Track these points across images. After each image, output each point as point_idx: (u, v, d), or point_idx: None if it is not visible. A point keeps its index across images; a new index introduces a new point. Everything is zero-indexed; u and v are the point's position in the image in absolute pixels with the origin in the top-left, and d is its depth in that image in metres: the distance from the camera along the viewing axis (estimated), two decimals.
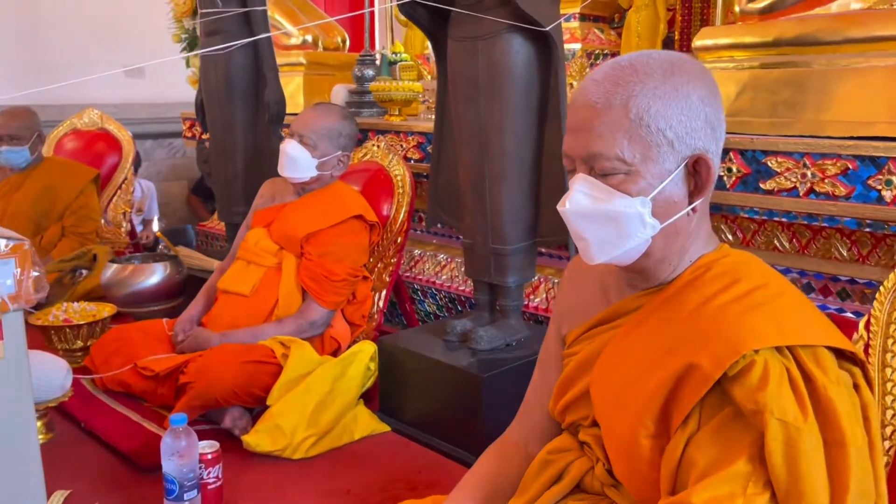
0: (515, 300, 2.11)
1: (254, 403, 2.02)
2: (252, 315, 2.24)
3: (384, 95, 3.02)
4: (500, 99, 1.93)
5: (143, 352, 2.17)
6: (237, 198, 2.99)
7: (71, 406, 2.06)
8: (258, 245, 2.33)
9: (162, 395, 2.08)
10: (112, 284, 2.68)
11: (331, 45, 3.81)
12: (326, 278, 2.23)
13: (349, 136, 2.37)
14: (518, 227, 2.03)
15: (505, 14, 1.87)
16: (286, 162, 2.30)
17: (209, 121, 3.03)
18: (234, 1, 2.83)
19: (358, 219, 2.32)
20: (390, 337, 2.21)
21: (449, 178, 2.22)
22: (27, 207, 3.20)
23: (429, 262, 3.00)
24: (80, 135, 3.81)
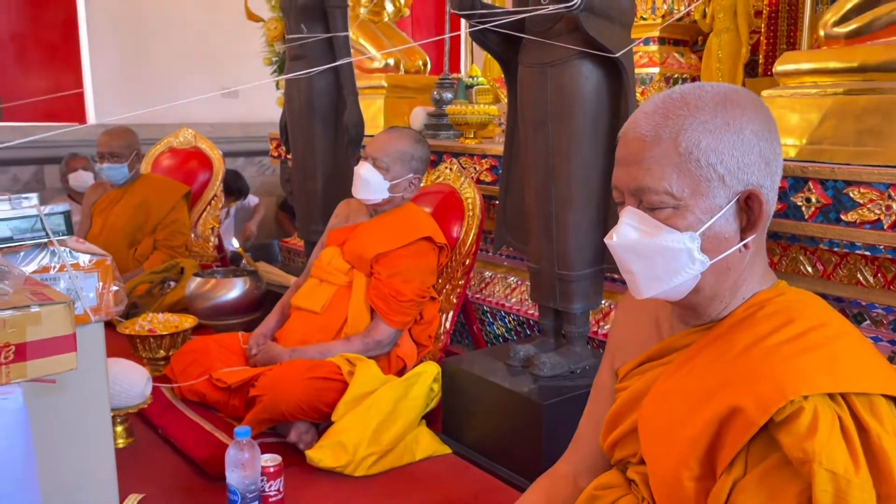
0: (580, 326, 2.08)
1: (319, 419, 2.07)
2: (322, 332, 2.31)
3: (460, 118, 3.05)
4: (568, 124, 1.93)
5: (219, 364, 2.27)
6: (316, 216, 3.08)
7: (150, 413, 2.17)
8: (331, 264, 2.40)
9: (233, 406, 2.16)
10: (195, 297, 2.81)
11: (412, 69, 3.89)
12: (395, 298, 2.27)
13: (421, 159, 2.42)
14: (584, 253, 2.01)
15: (575, 40, 1.87)
16: (360, 184, 2.37)
17: (292, 141, 3.14)
18: (318, 27, 2.93)
19: (427, 240, 2.36)
20: (454, 359, 2.22)
21: (516, 201, 2.22)
22: (123, 221, 3.40)
23: (499, 285, 3.00)
24: (175, 153, 4.02)
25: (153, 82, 5.34)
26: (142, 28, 5.26)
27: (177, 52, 5.40)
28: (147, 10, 5.26)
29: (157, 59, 5.35)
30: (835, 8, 2.09)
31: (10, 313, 1.07)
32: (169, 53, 5.38)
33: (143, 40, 5.28)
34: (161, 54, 5.36)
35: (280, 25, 4.26)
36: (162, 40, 5.35)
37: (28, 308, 1.08)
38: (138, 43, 5.26)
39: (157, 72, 5.35)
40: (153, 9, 5.28)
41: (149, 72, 5.32)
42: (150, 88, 5.33)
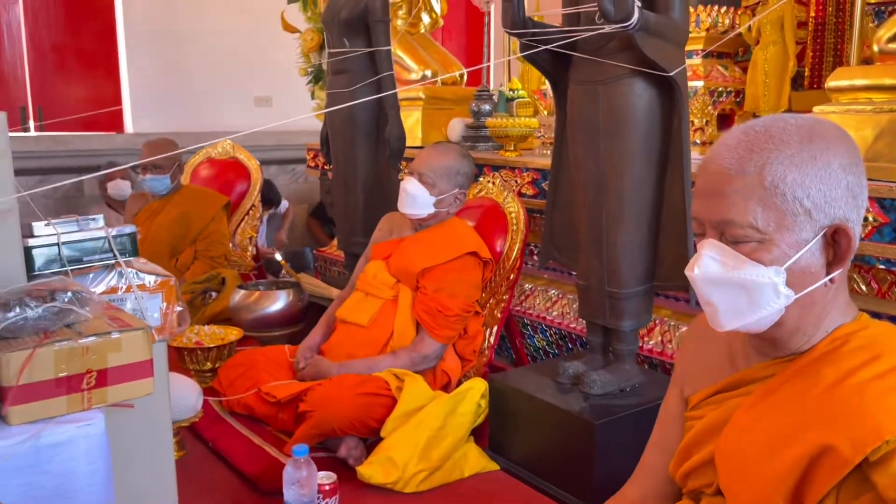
0: (630, 344, 2.07)
1: (368, 434, 2.08)
2: (368, 345, 2.32)
3: (500, 131, 3.06)
4: (620, 143, 1.92)
5: (267, 377, 2.29)
6: (356, 229, 3.09)
7: (200, 425, 2.19)
8: (376, 278, 2.41)
9: (283, 420, 2.18)
10: (239, 309, 2.84)
11: (449, 80, 3.90)
12: (440, 313, 2.28)
13: (466, 174, 2.42)
14: (635, 271, 2.01)
15: (628, 59, 1.87)
16: (405, 199, 2.38)
17: (333, 154, 3.16)
18: (360, 41, 2.95)
19: (472, 255, 2.36)
20: (501, 375, 2.22)
21: (564, 218, 2.22)
22: (165, 232, 3.44)
23: (539, 297, 2.99)
24: (213, 163, 4.07)
25: (188, 92, 5.41)
26: (178, 38, 5.33)
27: (212, 62, 5.46)
28: (184, 21, 5.33)
29: (192, 69, 5.42)
30: (889, 24, 2.07)
31: (93, 340, 1.09)
32: (204, 63, 5.44)
33: (179, 50, 5.35)
34: (197, 64, 5.42)
35: (316, 37, 4.30)
36: (198, 50, 5.41)
37: (109, 334, 1.11)
38: (175, 53, 5.33)
39: (193, 81, 5.42)
40: (190, 19, 5.35)
41: (184, 81, 5.39)
42: (185, 98, 5.40)
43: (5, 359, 1.02)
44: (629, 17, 1.72)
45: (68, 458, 1.04)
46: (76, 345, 1.07)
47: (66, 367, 1.06)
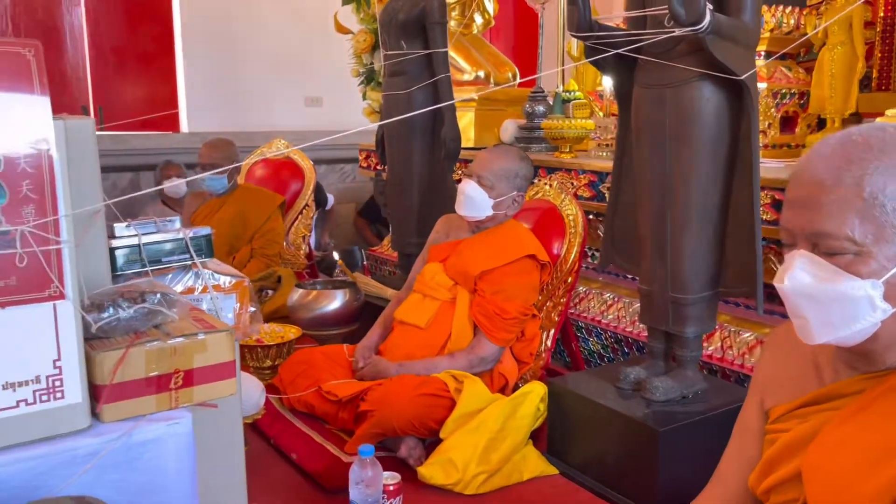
0: (693, 351, 2.05)
1: (427, 434, 2.10)
2: (426, 346, 2.33)
3: (556, 133, 3.05)
4: (687, 147, 1.90)
5: (326, 375, 2.32)
6: (411, 230, 3.11)
7: (262, 423, 2.23)
8: (434, 279, 2.42)
9: (342, 419, 2.20)
10: (297, 308, 2.89)
11: (502, 81, 3.90)
12: (498, 315, 2.28)
13: (525, 177, 2.42)
14: (700, 277, 1.98)
15: (697, 62, 1.84)
16: (464, 201, 2.38)
17: (388, 155, 3.19)
18: (417, 43, 2.97)
19: (530, 258, 2.36)
20: (561, 379, 2.21)
21: (626, 222, 2.20)
22: (223, 230, 3.50)
23: (594, 300, 2.97)
24: (268, 163, 4.13)
25: (242, 92, 5.50)
26: (233, 39, 5.43)
27: (265, 62, 5.54)
28: (238, 23, 5.42)
29: (246, 70, 5.50)
30: None
31: (181, 341, 1.12)
32: (257, 64, 5.53)
33: (233, 51, 5.44)
34: (250, 65, 5.51)
35: (368, 38, 4.34)
36: (252, 51, 5.50)
37: (196, 336, 1.13)
38: (229, 54, 5.43)
39: (246, 82, 5.51)
40: (244, 21, 5.44)
41: (238, 82, 5.48)
42: (239, 98, 5.49)
43: (99, 358, 1.05)
44: (701, 20, 1.69)
45: (158, 455, 1.07)
46: (165, 345, 1.10)
47: (156, 366, 1.09)
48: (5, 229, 0.94)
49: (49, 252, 0.97)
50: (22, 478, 0.97)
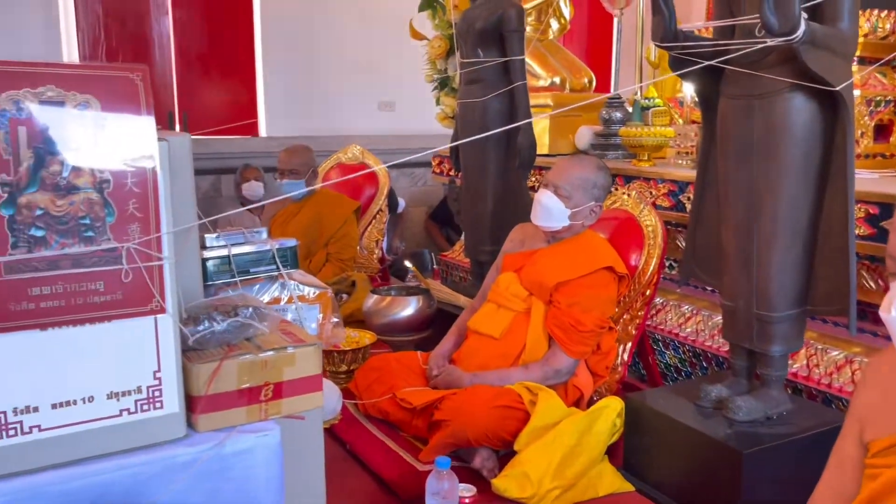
0: (779, 370, 1.98)
1: (501, 446, 2.09)
2: (500, 357, 2.32)
3: (634, 141, 2.99)
4: (776, 160, 1.84)
5: (401, 382, 2.34)
6: (484, 237, 3.11)
7: (338, 427, 2.27)
8: (508, 290, 2.41)
9: (416, 426, 2.22)
10: (371, 313, 2.92)
11: (577, 87, 3.86)
12: (574, 328, 2.25)
13: (603, 187, 2.38)
14: (787, 294, 1.91)
15: (788, 72, 1.78)
16: (540, 211, 2.36)
17: (463, 163, 3.19)
18: (494, 51, 2.97)
19: (608, 270, 2.32)
20: (638, 395, 2.17)
21: (708, 235, 2.15)
22: (300, 235, 3.57)
23: (672, 313, 2.91)
24: (343, 168, 4.20)
25: (318, 96, 5.61)
26: (311, 46, 5.54)
27: (341, 67, 5.64)
28: (316, 29, 5.53)
29: (322, 75, 5.61)
30: None
31: (272, 354, 1.15)
32: (334, 69, 5.63)
33: (311, 57, 5.56)
34: (326, 70, 5.62)
35: (443, 44, 4.35)
36: (328, 57, 5.60)
37: (285, 349, 1.16)
38: (307, 60, 5.54)
39: (323, 86, 5.62)
40: (322, 27, 5.54)
41: (315, 86, 5.59)
42: (315, 102, 5.61)
43: (196, 370, 1.08)
44: (795, 29, 1.63)
45: (249, 465, 1.10)
46: (257, 358, 1.13)
47: (248, 379, 1.12)
48: (112, 246, 0.98)
49: (152, 268, 1.01)
50: (124, 484, 1.01)
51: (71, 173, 0.95)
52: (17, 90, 0.91)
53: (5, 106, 0.90)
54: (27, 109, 0.92)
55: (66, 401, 0.98)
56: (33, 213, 0.93)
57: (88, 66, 0.98)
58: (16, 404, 0.95)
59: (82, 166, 0.95)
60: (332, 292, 3.34)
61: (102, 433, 1.01)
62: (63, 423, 0.98)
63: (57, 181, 0.94)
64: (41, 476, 0.96)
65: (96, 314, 0.98)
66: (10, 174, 0.91)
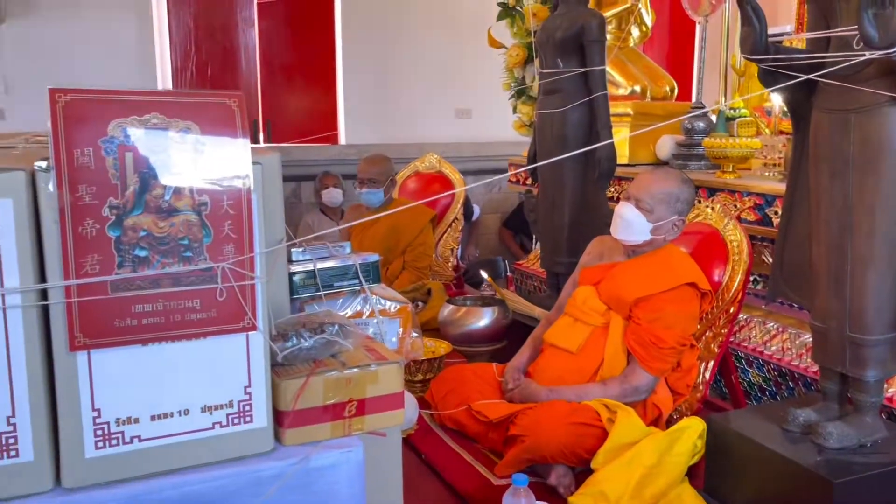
0: (874, 396, 1.88)
1: (577, 463, 2.07)
2: (577, 372, 2.30)
3: (718, 152, 2.92)
4: (874, 176, 1.75)
5: (476, 394, 2.34)
6: (561, 249, 3.09)
7: (413, 437, 2.29)
8: (586, 303, 2.38)
9: (492, 439, 2.22)
10: (447, 323, 2.94)
11: (658, 95, 3.78)
12: (654, 345, 2.21)
13: (686, 201, 2.33)
14: (883, 316, 1.82)
15: (888, 85, 1.70)
16: (620, 224, 2.33)
17: (540, 172, 3.18)
18: (574, 61, 2.94)
19: (691, 286, 2.27)
20: (722, 416, 2.11)
21: (797, 252, 2.06)
22: (377, 243, 3.64)
23: (756, 329, 2.81)
24: (420, 177, 4.24)
25: (396, 104, 5.70)
26: (389, 54, 5.63)
27: (418, 75, 5.71)
28: (395, 38, 5.62)
29: (400, 83, 5.70)
30: None
31: (356, 371, 1.17)
32: (411, 77, 5.71)
33: (389, 65, 5.65)
34: (405, 78, 5.70)
35: (521, 52, 4.35)
36: (406, 65, 5.68)
37: (369, 367, 1.18)
38: (385, 68, 5.64)
39: (400, 94, 5.70)
40: (400, 36, 5.63)
41: (392, 95, 5.68)
42: (392, 110, 5.70)
43: (284, 385, 1.12)
44: (895, 43, 1.56)
45: (333, 481, 1.13)
46: (342, 375, 1.16)
47: (333, 395, 1.15)
48: (209, 266, 1.02)
49: (244, 287, 1.05)
50: (214, 495, 1.05)
51: (172, 196, 0.99)
52: (125, 118, 0.96)
53: (114, 133, 0.95)
54: (134, 136, 0.97)
55: (164, 413, 1.03)
56: (138, 235, 0.97)
57: (190, 94, 1.02)
58: (119, 415, 1.00)
59: (183, 190, 1.00)
60: (408, 300, 3.40)
61: (196, 445, 1.05)
62: (161, 435, 1.03)
63: (160, 204, 0.98)
64: (140, 484, 1.01)
65: (193, 331, 1.03)
66: (118, 197, 0.96)
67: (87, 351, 0.96)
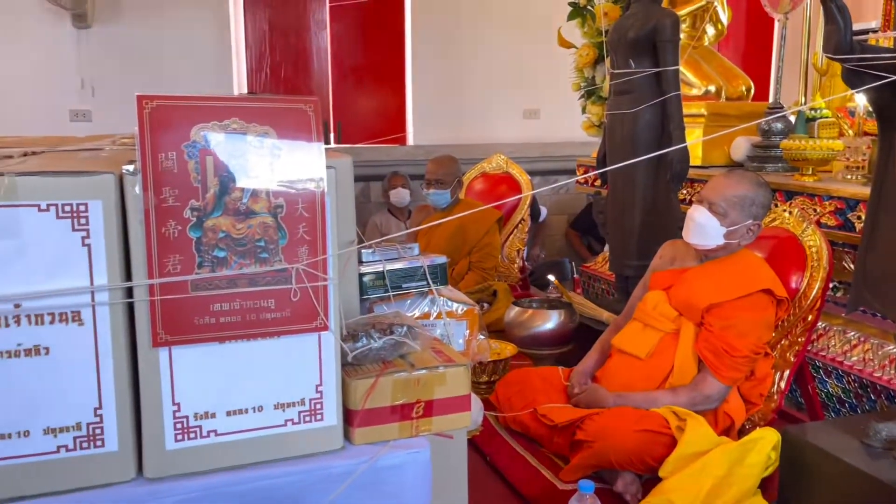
0: None
1: (644, 471, 2.04)
2: (646, 379, 2.26)
3: (797, 154, 2.82)
4: None
5: (542, 397, 2.33)
6: (630, 252, 3.04)
7: (478, 438, 2.30)
8: (656, 309, 2.34)
9: (557, 444, 2.20)
10: (513, 325, 2.94)
11: (734, 95, 3.68)
12: (727, 353, 2.15)
13: (763, 205, 2.26)
14: None
15: None
16: (693, 228, 2.27)
17: (611, 175, 3.13)
18: (646, 62, 2.89)
19: (766, 293, 2.20)
20: (798, 428, 2.04)
21: (883, 260, 1.97)
22: (443, 243, 3.66)
23: (835, 339, 2.71)
24: (487, 177, 4.24)
25: (464, 105, 5.71)
26: (457, 55, 5.64)
27: (486, 76, 5.71)
28: (463, 39, 5.63)
29: (468, 84, 5.70)
30: None
31: (424, 372, 1.18)
32: (479, 78, 5.71)
33: (457, 66, 5.66)
34: (472, 79, 5.70)
35: (592, 52, 4.29)
36: (475, 66, 5.69)
37: (437, 368, 1.19)
38: (453, 69, 5.65)
39: (468, 95, 5.71)
40: (468, 37, 5.64)
41: (461, 95, 5.69)
42: (460, 111, 5.71)
43: (354, 385, 1.13)
44: None
45: (400, 481, 1.14)
46: (410, 376, 1.17)
47: (401, 395, 1.16)
48: (284, 267, 1.05)
49: (317, 288, 1.07)
50: (285, 492, 1.07)
51: (250, 199, 1.02)
52: (206, 123, 1.00)
53: (196, 138, 0.99)
54: (215, 141, 1.00)
55: (239, 409, 1.06)
56: (217, 236, 1.01)
57: (267, 100, 1.05)
58: (197, 410, 1.03)
59: (260, 192, 1.02)
60: (474, 301, 3.40)
61: (269, 441, 1.08)
62: (235, 430, 1.06)
63: (238, 206, 1.01)
64: (215, 478, 1.04)
65: (267, 330, 1.05)
66: (199, 200, 0.99)
67: (169, 347, 1.00)
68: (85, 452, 0.99)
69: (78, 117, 4.82)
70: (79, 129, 4.68)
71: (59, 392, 0.97)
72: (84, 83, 4.74)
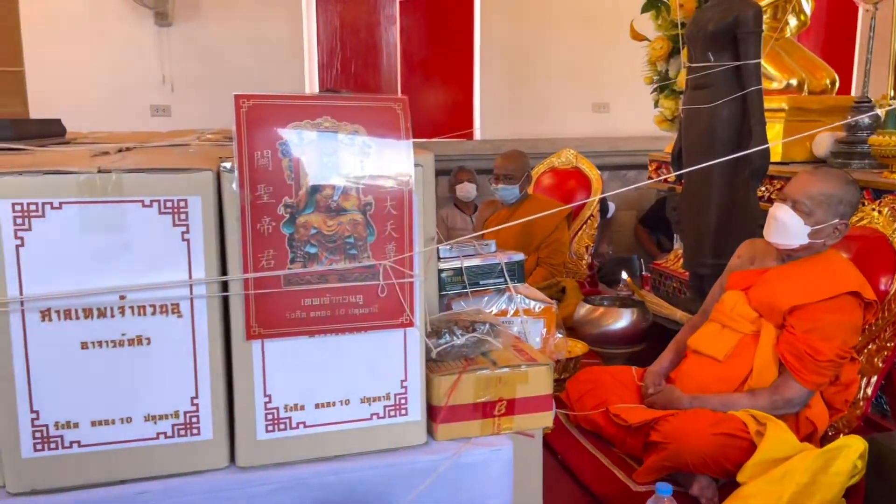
0: None
1: (721, 475, 1.99)
2: (723, 381, 2.20)
3: (886, 150, 2.69)
4: None
5: (614, 397, 2.30)
6: (706, 250, 2.96)
7: (549, 437, 2.28)
8: (735, 310, 2.27)
9: (630, 444, 2.17)
10: (583, 322, 2.90)
11: (817, 88, 3.54)
12: (810, 356, 2.08)
13: (850, 203, 2.17)
14: None
15: None
16: (775, 227, 2.20)
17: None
18: (726, 55, 2.81)
19: (853, 295, 2.11)
20: (886, 437, 1.96)
21: None
22: (511, 239, 3.64)
23: None
24: (556, 173, 4.20)
25: (531, 99, 5.67)
26: (525, 50, 5.61)
27: (554, 70, 5.65)
28: (531, 33, 5.59)
29: (536, 78, 5.66)
30: None
31: (506, 370, 1.18)
32: (547, 72, 5.66)
33: (525, 61, 5.62)
34: (540, 73, 5.66)
35: (665, 45, 4.19)
36: (542, 60, 5.64)
37: (519, 367, 1.19)
38: (521, 63, 5.62)
39: (536, 89, 5.67)
40: (537, 31, 5.59)
41: (528, 90, 5.65)
42: (528, 105, 5.67)
43: (437, 381, 1.14)
44: None
45: (482, 478, 1.14)
46: (492, 374, 1.17)
47: (484, 393, 1.16)
48: (372, 263, 1.06)
49: (404, 284, 1.08)
50: (369, 484, 1.09)
51: (340, 196, 1.04)
52: (300, 121, 1.02)
53: (290, 136, 1.01)
54: (307, 139, 1.02)
55: (327, 402, 1.08)
56: (309, 232, 1.03)
57: (358, 98, 1.06)
58: (287, 401, 1.06)
59: (350, 190, 1.04)
60: None
61: (355, 434, 1.10)
62: (323, 422, 1.08)
63: (329, 203, 1.03)
64: (304, 468, 1.07)
65: (355, 325, 1.07)
66: (292, 197, 1.01)
67: (262, 340, 1.03)
68: (182, 440, 1.02)
69: (158, 112, 4.99)
70: (159, 123, 4.85)
71: (159, 381, 1.01)
72: (165, 79, 4.90)
